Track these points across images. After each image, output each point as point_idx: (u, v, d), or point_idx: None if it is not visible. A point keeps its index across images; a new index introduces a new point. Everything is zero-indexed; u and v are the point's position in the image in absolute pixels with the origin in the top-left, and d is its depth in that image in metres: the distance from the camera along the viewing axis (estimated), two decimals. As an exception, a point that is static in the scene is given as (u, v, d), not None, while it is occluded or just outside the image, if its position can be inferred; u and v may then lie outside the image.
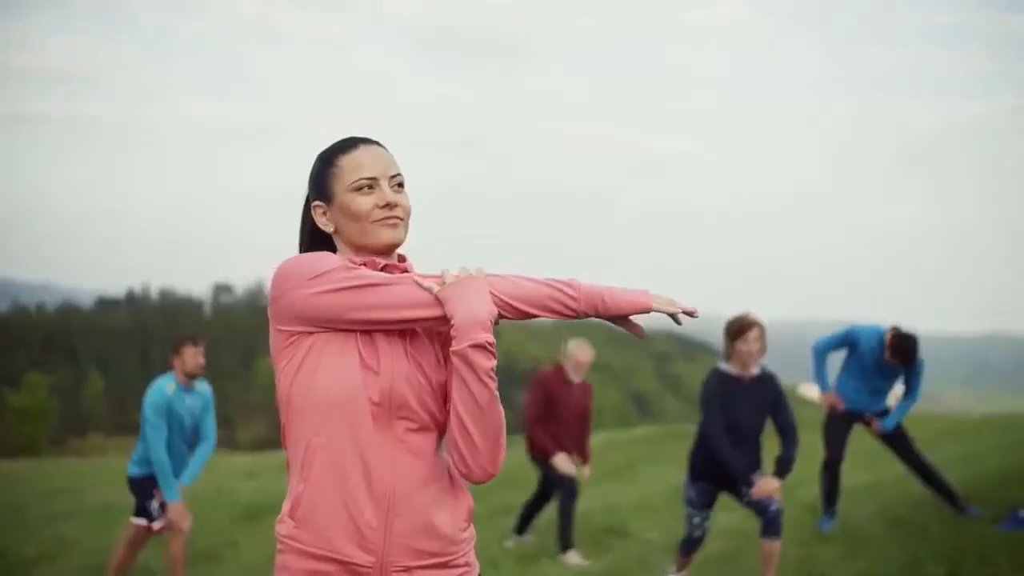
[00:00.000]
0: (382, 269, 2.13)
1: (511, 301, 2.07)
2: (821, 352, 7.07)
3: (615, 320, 2.14)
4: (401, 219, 2.14)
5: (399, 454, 2.06)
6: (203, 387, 6.35)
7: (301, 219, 2.26)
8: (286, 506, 2.10)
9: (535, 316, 2.11)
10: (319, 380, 2.04)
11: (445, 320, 2.04)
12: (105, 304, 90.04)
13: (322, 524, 2.04)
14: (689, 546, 5.69)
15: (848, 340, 7.02)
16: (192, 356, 6.17)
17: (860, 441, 7.51)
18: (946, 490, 7.00)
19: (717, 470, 5.37)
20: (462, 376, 2.01)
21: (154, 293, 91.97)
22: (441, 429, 2.13)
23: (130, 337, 78.96)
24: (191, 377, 6.19)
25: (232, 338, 75.48)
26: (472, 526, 2.19)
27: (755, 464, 5.38)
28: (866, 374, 6.91)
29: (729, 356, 5.39)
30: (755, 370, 5.40)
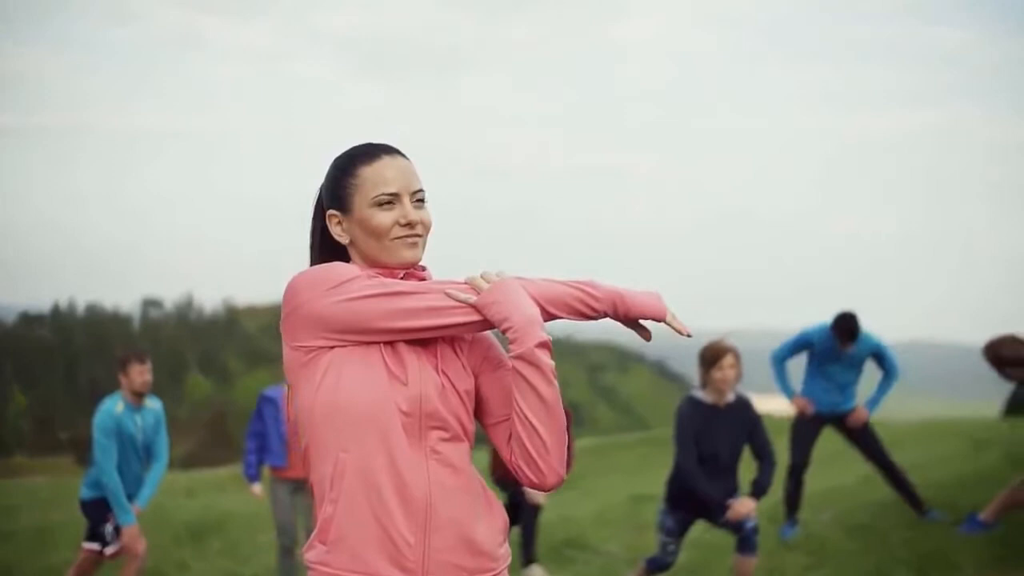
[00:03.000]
0: (402, 278, 2.04)
1: (543, 303, 2.00)
2: (779, 360, 7.09)
3: (625, 321, 2.08)
4: (421, 236, 2.05)
5: (433, 466, 1.97)
6: (154, 404, 6.14)
7: (311, 226, 2.15)
8: (316, 530, 1.99)
9: (559, 318, 2.05)
10: (344, 394, 1.93)
11: (483, 325, 1.97)
12: (29, 320, 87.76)
13: (356, 544, 1.93)
14: (658, 567, 5.62)
15: (802, 343, 7.06)
16: (139, 374, 5.96)
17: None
18: (911, 493, 7.05)
19: (694, 499, 5.30)
20: (528, 378, 1.93)
21: (80, 308, 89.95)
22: (471, 439, 2.05)
23: (55, 354, 77.12)
24: (139, 395, 5.99)
25: (161, 354, 74.11)
26: (508, 543, 2.09)
27: (732, 492, 5.31)
28: (829, 371, 6.97)
29: (704, 384, 5.32)
30: (730, 396, 5.35)
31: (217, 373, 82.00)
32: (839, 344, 6.85)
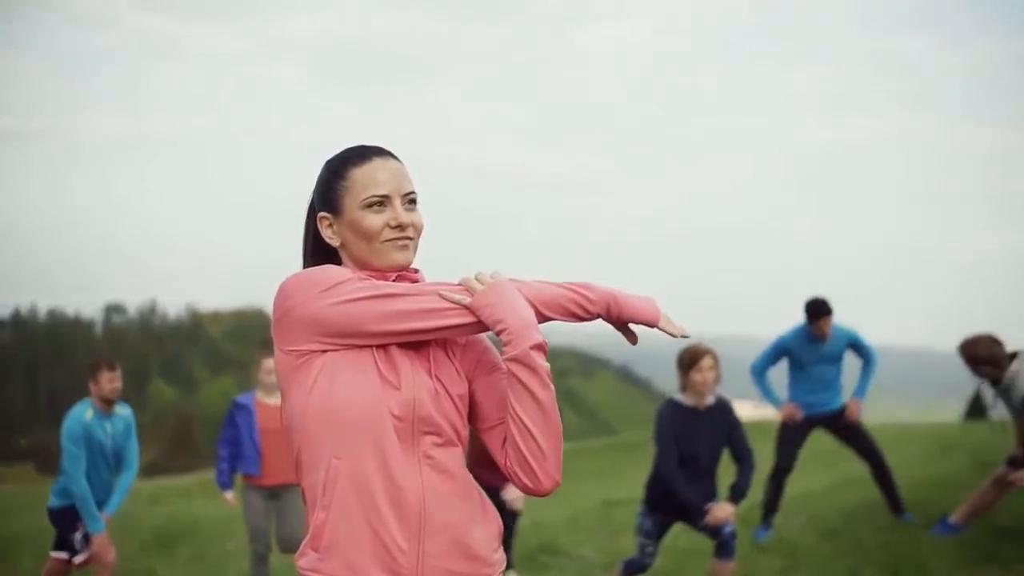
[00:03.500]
0: (394, 281, 2.02)
1: (537, 305, 1.99)
2: (760, 371, 7.13)
3: (616, 324, 2.08)
4: (412, 239, 2.03)
5: (427, 471, 1.94)
6: (124, 411, 6.07)
7: (304, 228, 2.13)
8: (307, 538, 1.95)
9: (553, 319, 2.03)
10: (336, 398, 1.90)
11: (477, 327, 1.96)
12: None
13: (348, 550, 1.90)
14: (636, 569, 5.61)
15: (779, 350, 7.09)
16: (108, 380, 5.89)
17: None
18: (894, 493, 7.10)
19: (672, 502, 5.29)
20: (523, 381, 1.91)
21: (42, 313, 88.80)
22: (464, 444, 2.03)
23: (15, 359, 76.09)
24: (109, 402, 5.91)
25: (124, 360, 72.51)
26: (502, 549, 2.08)
27: (711, 495, 5.31)
28: (811, 371, 7.00)
29: (684, 387, 5.32)
30: (710, 399, 5.35)
31: (181, 379, 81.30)
32: (816, 331, 6.88)
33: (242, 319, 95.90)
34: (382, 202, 2.00)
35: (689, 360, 5.24)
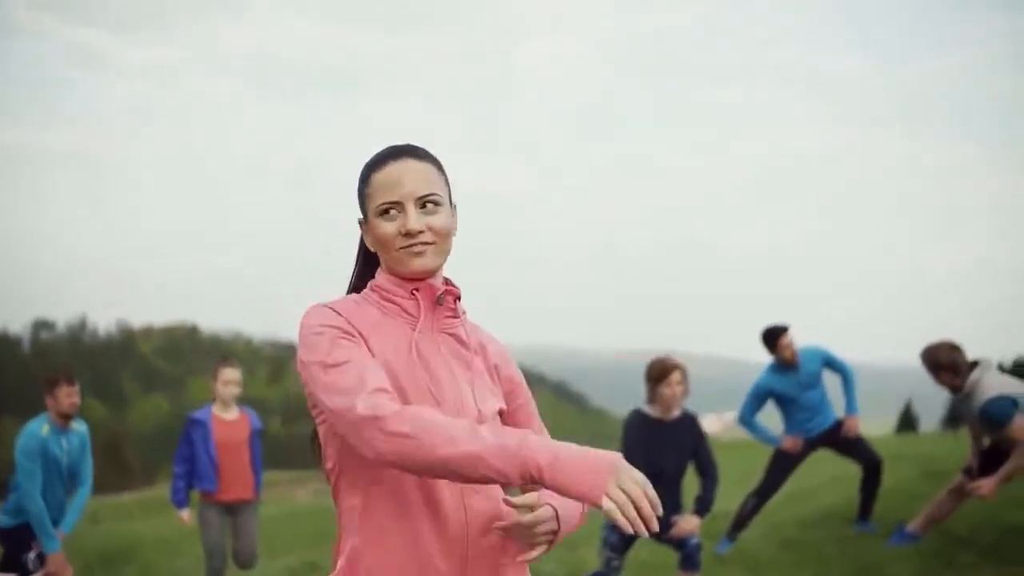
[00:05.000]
0: (416, 291, 1.95)
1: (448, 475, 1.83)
2: (748, 419, 7.17)
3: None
4: (430, 243, 1.92)
5: (469, 495, 1.87)
6: (80, 427, 5.93)
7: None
8: (341, 562, 1.88)
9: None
10: None
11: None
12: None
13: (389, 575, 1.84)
14: None
15: (760, 393, 7.13)
16: (66, 396, 5.74)
17: (744, 463, 7.62)
18: (871, 502, 7.19)
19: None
20: None
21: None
22: None
23: (-61, 377, 74.03)
24: (66, 418, 5.77)
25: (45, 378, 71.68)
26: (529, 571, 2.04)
27: (677, 507, 5.34)
28: (796, 400, 7.06)
29: (651, 399, 5.34)
30: (676, 412, 5.38)
31: (112, 396, 79.70)
32: (781, 357, 6.96)
33: (174, 335, 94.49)
34: (393, 208, 1.92)
35: (659, 373, 5.28)
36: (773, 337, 7.00)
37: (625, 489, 1.62)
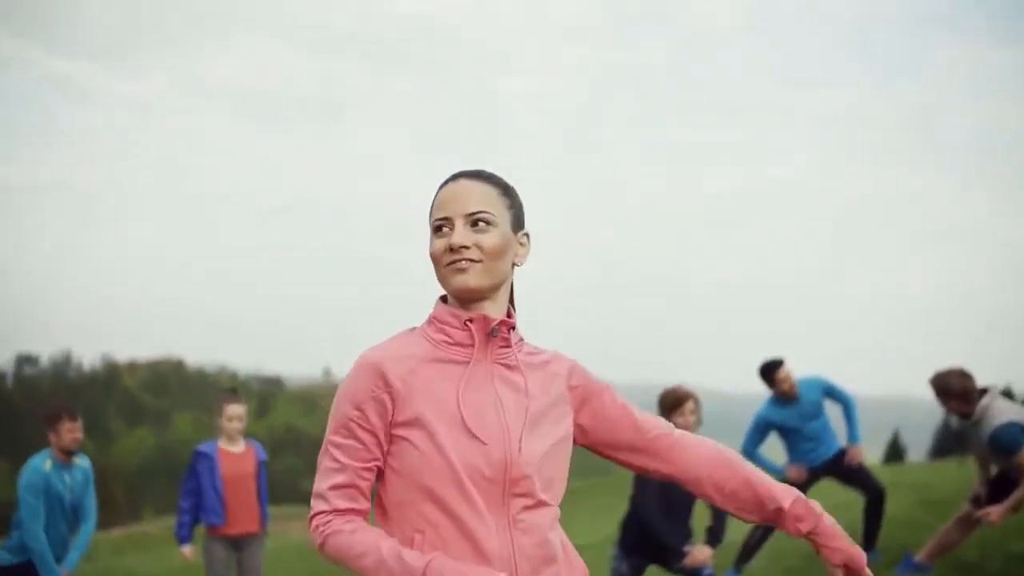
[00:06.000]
0: (493, 328, 1.94)
1: None
2: (751, 452, 7.18)
3: None
4: (474, 261, 1.90)
5: (518, 537, 1.85)
6: (83, 462, 5.91)
7: None
8: None
9: None
10: (412, 463, 1.85)
11: None
12: None
13: None
14: None
15: (761, 426, 7.16)
16: (69, 431, 5.73)
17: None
18: (875, 531, 7.17)
19: (650, 544, 5.27)
20: None
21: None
22: (557, 500, 1.94)
23: (-79, 413, 73.30)
24: (69, 453, 5.73)
25: (36, 412, 70.95)
26: None
27: (688, 537, 5.33)
28: (800, 430, 7.07)
29: None
30: None
31: (97, 431, 78.95)
32: (780, 390, 6.98)
33: (159, 369, 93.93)
34: (443, 225, 1.92)
35: (672, 403, 5.28)
36: (770, 371, 7.03)
37: None
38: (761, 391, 7.27)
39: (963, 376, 5.91)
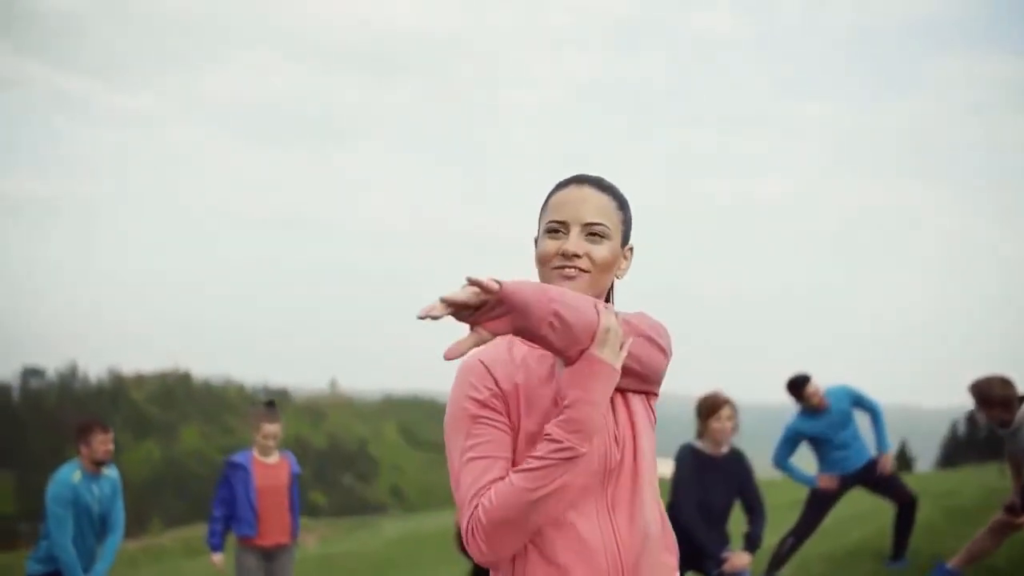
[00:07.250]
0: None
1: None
2: (783, 462, 7.17)
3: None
4: (584, 271, 1.91)
5: (621, 524, 1.85)
6: (112, 473, 5.89)
7: None
8: None
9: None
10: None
11: None
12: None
13: None
14: None
15: (792, 437, 7.14)
16: (101, 443, 5.73)
17: (771, 500, 7.54)
18: (906, 540, 7.15)
19: (687, 550, 5.24)
20: None
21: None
22: (655, 485, 1.94)
23: (-72, 427, 73.33)
24: (99, 464, 5.72)
25: (42, 425, 71.21)
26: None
27: (725, 542, 5.32)
28: (831, 440, 7.05)
29: (701, 434, 5.36)
30: (725, 448, 5.36)
31: (103, 444, 78.95)
32: (809, 405, 6.97)
33: (166, 382, 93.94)
34: (558, 229, 1.93)
35: (709, 409, 5.28)
36: (798, 387, 7.03)
37: None
38: (766, 401, 7.26)
39: (1005, 384, 5.85)
